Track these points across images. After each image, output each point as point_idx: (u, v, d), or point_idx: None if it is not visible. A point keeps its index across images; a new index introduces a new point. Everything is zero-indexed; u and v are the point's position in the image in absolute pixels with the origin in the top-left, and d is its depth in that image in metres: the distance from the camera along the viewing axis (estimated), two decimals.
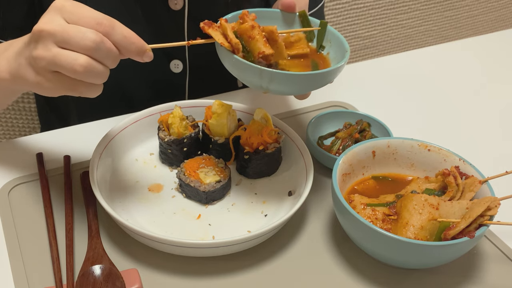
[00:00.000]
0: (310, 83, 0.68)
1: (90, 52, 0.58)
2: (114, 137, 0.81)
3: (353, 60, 1.97)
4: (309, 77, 0.66)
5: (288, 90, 0.69)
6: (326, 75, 0.67)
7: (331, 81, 0.71)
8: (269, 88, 0.67)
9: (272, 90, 0.67)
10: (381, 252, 0.66)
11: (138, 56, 0.61)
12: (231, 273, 0.68)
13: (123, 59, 0.75)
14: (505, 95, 1.09)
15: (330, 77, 0.69)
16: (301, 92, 0.72)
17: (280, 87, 0.67)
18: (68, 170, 0.80)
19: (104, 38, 0.58)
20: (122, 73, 0.97)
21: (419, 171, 0.77)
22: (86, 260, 0.66)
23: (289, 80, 0.65)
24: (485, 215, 0.64)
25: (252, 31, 0.68)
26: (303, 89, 0.70)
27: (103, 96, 1.00)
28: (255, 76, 0.66)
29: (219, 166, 0.78)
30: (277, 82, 0.65)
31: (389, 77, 1.13)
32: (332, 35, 0.75)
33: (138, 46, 0.61)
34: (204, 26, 0.68)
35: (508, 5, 2.16)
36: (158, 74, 0.99)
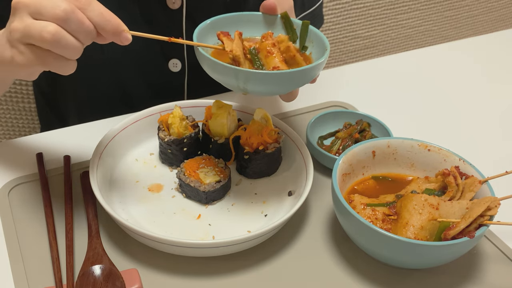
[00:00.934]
0: (286, 82, 0.67)
1: (61, 22, 0.58)
2: (114, 137, 0.81)
3: (353, 60, 1.97)
4: (284, 76, 0.66)
5: (265, 90, 0.68)
6: (303, 73, 0.67)
7: (311, 79, 0.70)
8: (247, 88, 0.67)
9: (250, 90, 0.67)
10: (381, 252, 0.66)
11: (114, 36, 0.61)
12: (231, 273, 0.68)
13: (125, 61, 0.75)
14: (505, 95, 1.09)
15: (308, 75, 0.68)
16: (280, 92, 0.72)
17: (256, 87, 0.67)
18: (68, 170, 0.80)
19: (76, 10, 0.58)
20: (121, 72, 0.98)
21: (419, 171, 0.77)
22: (86, 260, 0.66)
23: (264, 79, 0.65)
24: (485, 215, 0.64)
25: (272, 48, 0.71)
26: (281, 88, 0.69)
27: (102, 96, 1.01)
28: (231, 77, 0.66)
29: (219, 166, 0.78)
30: (252, 82, 0.65)
31: (389, 77, 1.13)
32: (314, 35, 0.75)
33: (114, 25, 0.60)
34: (220, 34, 0.71)
35: (508, 5, 2.16)
36: (156, 74, 0.99)
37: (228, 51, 0.68)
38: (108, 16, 0.60)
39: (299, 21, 0.76)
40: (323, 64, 0.69)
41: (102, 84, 0.99)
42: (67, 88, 1.03)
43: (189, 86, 1.02)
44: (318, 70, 0.69)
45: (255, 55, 0.72)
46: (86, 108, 1.04)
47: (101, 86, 1.00)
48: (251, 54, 0.72)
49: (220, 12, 0.77)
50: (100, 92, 1.01)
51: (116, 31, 0.60)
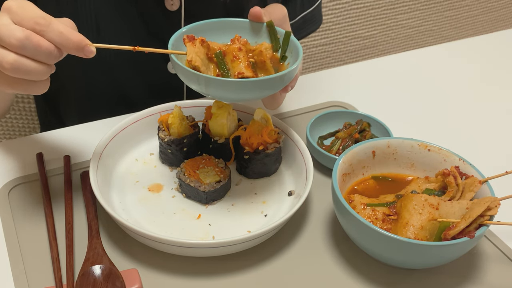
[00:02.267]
0: (248, 91, 0.67)
1: (18, 50, 0.59)
2: (114, 137, 0.81)
3: (353, 60, 1.97)
4: (244, 84, 0.66)
5: (228, 96, 0.69)
6: (264, 83, 0.67)
7: (277, 89, 0.70)
8: (209, 93, 0.68)
9: (213, 95, 0.69)
10: (381, 252, 0.66)
11: (77, 51, 0.62)
12: (231, 273, 0.68)
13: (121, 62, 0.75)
14: (505, 95, 1.09)
15: (272, 85, 0.68)
16: (245, 99, 0.72)
17: (217, 93, 0.68)
18: (68, 170, 0.80)
19: (32, 35, 0.59)
20: (118, 72, 0.97)
21: (419, 171, 0.77)
22: (86, 260, 0.66)
23: (223, 86, 0.66)
24: (485, 215, 0.64)
25: (238, 52, 0.71)
26: (243, 96, 0.69)
27: (101, 95, 1.01)
28: (194, 82, 0.67)
29: (219, 166, 0.78)
30: (213, 88, 0.66)
31: (389, 77, 1.13)
32: (294, 46, 0.75)
33: (75, 41, 0.61)
34: (185, 39, 0.71)
35: (508, 5, 2.16)
36: (155, 74, 0.99)
37: (188, 59, 0.69)
38: (68, 34, 0.61)
39: (282, 31, 0.76)
40: (289, 75, 0.69)
41: (100, 83, 0.99)
42: (66, 88, 1.03)
43: (188, 87, 1.02)
44: (282, 80, 0.68)
45: (221, 59, 0.72)
46: (86, 108, 1.04)
47: (100, 86, 1.00)
48: (217, 58, 0.72)
49: (219, 14, 0.77)
50: (99, 92, 1.01)
51: (78, 47, 0.61)
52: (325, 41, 1.84)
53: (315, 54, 1.86)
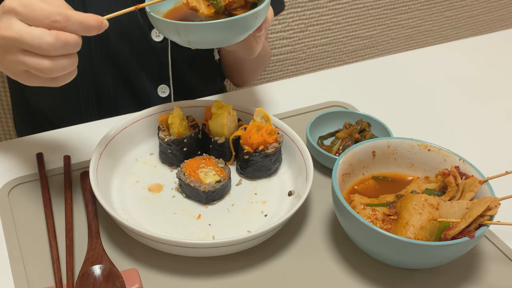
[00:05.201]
0: (226, 31, 0.69)
1: (50, 53, 0.60)
2: (114, 137, 0.81)
3: (353, 60, 1.96)
4: (220, 25, 0.68)
5: (209, 40, 0.71)
6: (238, 22, 0.69)
7: (252, 28, 0.72)
8: (190, 41, 0.70)
9: (194, 42, 0.71)
10: (381, 252, 0.66)
11: (97, 31, 0.63)
12: (231, 273, 0.68)
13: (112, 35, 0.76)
14: (505, 95, 1.09)
15: (246, 23, 0.70)
16: (224, 43, 0.73)
17: (199, 38, 0.70)
18: (68, 170, 0.80)
19: (58, 36, 0.60)
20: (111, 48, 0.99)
21: (419, 171, 0.77)
22: (86, 260, 0.66)
23: (202, 29, 0.68)
24: (485, 215, 0.64)
25: None
26: (222, 38, 0.71)
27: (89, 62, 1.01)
28: (173, 32, 0.69)
29: (219, 166, 0.78)
30: (192, 34, 0.68)
31: (389, 77, 1.13)
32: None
33: (95, 24, 0.62)
34: None
35: (508, 5, 2.16)
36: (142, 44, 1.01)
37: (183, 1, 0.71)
38: (86, 20, 0.61)
39: None
40: (261, 13, 0.71)
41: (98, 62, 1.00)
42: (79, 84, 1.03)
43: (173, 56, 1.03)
44: (255, 19, 0.70)
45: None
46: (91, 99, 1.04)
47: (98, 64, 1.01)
48: None
49: None
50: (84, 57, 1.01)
51: (98, 28, 0.62)
52: (325, 41, 1.84)
53: (315, 54, 1.86)
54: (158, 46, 1.01)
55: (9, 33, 0.60)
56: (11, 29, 0.60)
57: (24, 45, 0.60)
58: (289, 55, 1.78)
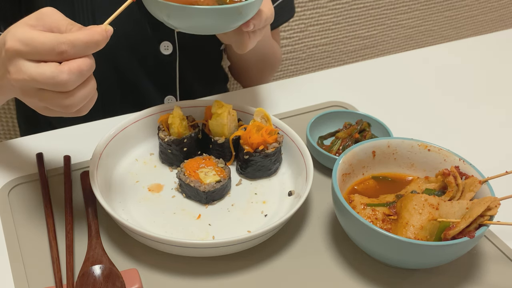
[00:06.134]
0: (206, 19, 0.68)
1: (69, 87, 0.57)
2: (114, 137, 0.81)
3: (353, 60, 1.96)
4: (200, 11, 0.67)
5: (190, 24, 0.70)
6: (218, 11, 0.68)
7: (239, 20, 0.70)
8: (174, 24, 0.69)
9: (178, 26, 0.70)
10: (381, 252, 0.66)
11: (105, 43, 0.60)
12: (231, 273, 0.68)
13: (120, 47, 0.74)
14: (505, 95, 1.09)
15: (227, 15, 0.69)
16: (210, 31, 0.72)
17: (181, 22, 0.69)
18: (68, 170, 0.80)
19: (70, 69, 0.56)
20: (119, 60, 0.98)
21: (419, 171, 0.77)
22: (86, 260, 0.66)
23: (184, 12, 0.67)
24: (485, 215, 0.63)
25: None
26: (204, 25, 0.70)
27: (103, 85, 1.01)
28: (158, 11, 0.69)
29: (219, 166, 0.78)
30: (174, 16, 0.68)
31: (389, 77, 1.13)
32: None
33: (100, 38, 0.59)
34: None
35: (508, 5, 2.16)
36: (150, 57, 1.00)
37: None
38: (92, 38, 0.58)
39: None
40: (246, 8, 0.69)
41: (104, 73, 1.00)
42: None
43: (180, 68, 1.03)
44: (239, 13, 0.69)
45: None
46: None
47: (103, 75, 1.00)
48: None
49: None
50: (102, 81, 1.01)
51: (106, 39, 0.59)
52: (325, 41, 1.84)
53: (315, 54, 1.86)
54: (167, 59, 1.01)
55: (20, 76, 0.57)
56: (22, 72, 0.57)
57: (39, 85, 0.57)
58: (289, 55, 1.78)
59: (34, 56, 0.57)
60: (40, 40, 0.56)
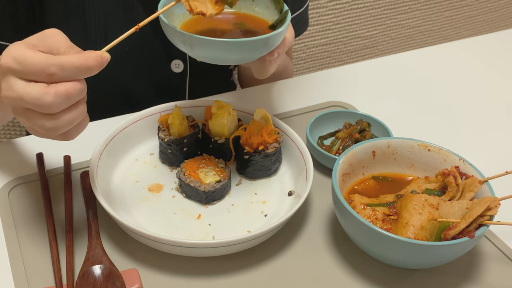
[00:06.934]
0: (231, 51, 0.67)
1: (55, 110, 0.57)
2: (114, 137, 0.81)
3: (353, 60, 1.97)
4: (227, 44, 0.66)
5: (213, 56, 0.68)
6: (248, 44, 0.66)
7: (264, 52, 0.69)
8: (195, 54, 0.68)
9: (199, 56, 0.69)
10: (381, 252, 0.66)
11: (100, 68, 0.59)
12: (231, 273, 0.68)
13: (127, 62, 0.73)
14: (505, 95, 1.09)
15: (255, 46, 0.67)
16: (232, 61, 0.71)
17: (203, 52, 0.67)
18: (68, 170, 0.80)
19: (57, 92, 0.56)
20: (125, 74, 0.98)
21: (419, 171, 0.77)
22: (86, 260, 0.66)
23: (206, 44, 0.66)
24: (485, 215, 0.63)
25: None
26: (228, 57, 0.69)
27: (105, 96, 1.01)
28: (180, 42, 0.68)
29: (219, 166, 0.78)
30: (197, 47, 0.67)
31: (389, 77, 1.13)
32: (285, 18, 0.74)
33: (96, 64, 0.58)
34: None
35: (508, 5, 2.16)
36: (159, 74, 1.00)
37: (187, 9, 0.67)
38: (84, 62, 0.57)
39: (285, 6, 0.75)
40: (272, 40, 0.68)
41: (105, 84, 1.00)
42: None
43: (190, 86, 1.02)
44: (267, 44, 0.68)
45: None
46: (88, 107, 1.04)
47: (105, 86, 1.00)
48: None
49: None
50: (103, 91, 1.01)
51: (100, 65, 0.58)
52: (325, 41, 1.84)
53: (315, 54, 1.86)
54: (177, 77, 1.00)
55: (10, 93, 0.57)
56: (12, 89, 0.57)
57: (26, 104, 0.57)
58: None
59: (25, 75, 0.57)
60: (32, 60, 0.56)
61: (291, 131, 0.83)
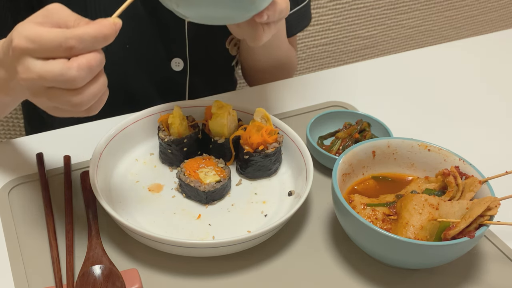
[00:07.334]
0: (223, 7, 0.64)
1: (79, 84, 0.56)
2: (114, 137, 0.81)
3: (353, 60, 1.97)
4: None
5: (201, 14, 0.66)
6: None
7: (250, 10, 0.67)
8: (183, 13, 0.66)
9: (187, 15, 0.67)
10: (381, 252, 0.66)
11: (116, 35, 0.57)
12: (231, 273, 0.68)
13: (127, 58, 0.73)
14: (505, 95, 1.09)
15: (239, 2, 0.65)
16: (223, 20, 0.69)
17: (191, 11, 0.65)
18: (68, 170, 0.80)
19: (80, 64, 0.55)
20: (125, 71, 0.98)
21: (419, 171, 0.77)
22: (86, 260, 0.66)
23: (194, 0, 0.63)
24: (485, 215, 0.64)
25: None
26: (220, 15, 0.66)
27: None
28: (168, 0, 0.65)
29: (219, 166, 0.78)
30: (184, 4, 0.64)
31: (389, 77, 1.13)
32: None
33: (111, 32, 0.56)
34: None
35: (508, 5, 2.16)
36: (160, 73, 1.00)
37: None
38: (100, 31, 0.56)
39: None
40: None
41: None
42: None
43: (190, 84, 1.02)
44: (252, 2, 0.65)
45: None
46: None
47: None
48: None
49: None
50: None
51: (115, 32, 0.57)
52: (325, 41, 1.84)
53: (315, 54, 1.86)
54: (177, 76, 1.00)
55: (29, 75, 0.55)
56: (29, 70, 0.55)
57: (47, 83, 0.55)
58: None
59: (41, 54, 0.55)
60: (47, 36, 0.55)
61: (291, 131, 0.83)
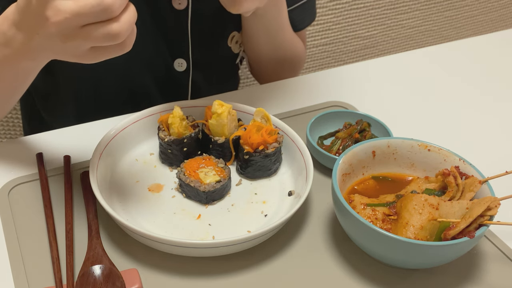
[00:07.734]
0: None
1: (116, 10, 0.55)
2: (114, 137, 0.81)
3: (353, 60, 1.97)
4: None
5: None
6: None
7: None
8: None
9: None
10: (381, 252, 0.66)
11: None
12: (231, 273, 0.68)
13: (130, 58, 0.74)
14: (505, 95, 1.09)
15: None
16: None
17: None
18: (68, 170, 0.80)
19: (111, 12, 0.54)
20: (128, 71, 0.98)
21: (419, 171, 0.77)
22: (86, 260, 0.66)
23: None
24: (485, 215, 0.63)
25: None
26: None
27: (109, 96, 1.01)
28: None
29: (219, 166, 0.78)
30: None
31: (389, 77, 1.13)
32: None
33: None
34: None
35: (508, 5, 2.16)
36: (162, 72, 1.00)
37: None
38: None
39: None
40: None
41: (108, 82, 1.00)
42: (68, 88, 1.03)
43: (193, 85, 1.03)
44: None
45: None
46: (89, 108, 1.04)
47: (108, 84, 1.00)
48: None
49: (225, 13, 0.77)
50: (106, 90, 1.01)
51: None
52: (325, 41, 1.84)
53: (315, 54, 1.86)
54: (180, 76, 1.00)
55: (61, 16, 0.54)
56: (61, 11, 0.54)
57: (83, 20, 0.54)
58: None
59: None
60: None
61: (291, 131, 0.83)
